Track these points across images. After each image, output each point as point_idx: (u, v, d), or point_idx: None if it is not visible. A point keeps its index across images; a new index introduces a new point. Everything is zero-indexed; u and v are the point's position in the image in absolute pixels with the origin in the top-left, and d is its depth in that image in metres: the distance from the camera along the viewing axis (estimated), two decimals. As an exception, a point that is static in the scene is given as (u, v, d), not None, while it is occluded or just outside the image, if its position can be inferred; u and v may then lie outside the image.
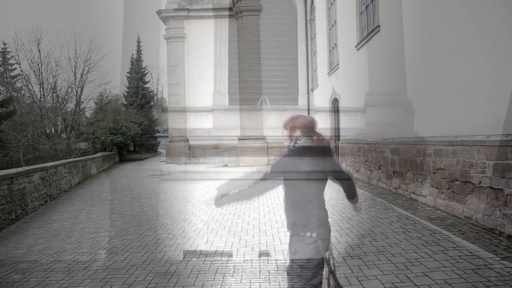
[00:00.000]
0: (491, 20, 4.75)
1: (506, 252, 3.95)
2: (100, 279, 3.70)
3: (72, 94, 26.50)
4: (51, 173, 8.98)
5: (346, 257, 4.06)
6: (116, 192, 9.96)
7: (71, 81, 26.28)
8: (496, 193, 4.61)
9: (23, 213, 7.00)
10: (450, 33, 5.74)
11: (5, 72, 28.22)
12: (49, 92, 25.93)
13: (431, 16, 6.36)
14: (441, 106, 6.08)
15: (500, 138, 4.53)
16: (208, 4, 21.80)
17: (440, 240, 4.49)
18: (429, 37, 6.44)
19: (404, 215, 5.90)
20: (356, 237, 4.78)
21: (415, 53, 7.03)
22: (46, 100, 25.94)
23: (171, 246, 4.74)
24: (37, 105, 25.14)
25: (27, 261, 4.32)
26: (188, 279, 3.61)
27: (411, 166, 7.17)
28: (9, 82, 27.15)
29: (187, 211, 7.02)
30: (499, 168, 4.55)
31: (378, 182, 9.15)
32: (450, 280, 3.32)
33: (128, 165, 21.63)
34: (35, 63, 24.86)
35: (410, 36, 7.23)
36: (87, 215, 6.94)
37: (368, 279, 3.43)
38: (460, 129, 5.49)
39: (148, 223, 6.12)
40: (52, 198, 8.93)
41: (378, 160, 9.09)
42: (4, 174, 6.46)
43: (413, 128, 7.17)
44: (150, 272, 3.84)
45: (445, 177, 5.87)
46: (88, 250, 4.67)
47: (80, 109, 27.69)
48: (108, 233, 5.50)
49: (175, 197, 8.82)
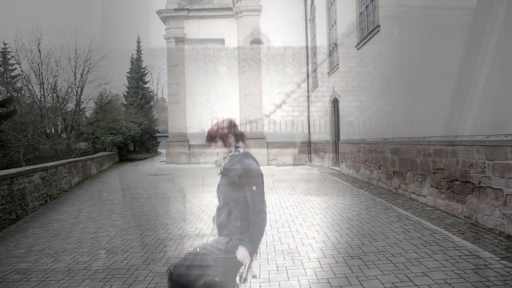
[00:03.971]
0: (491, 20, 4.75)
1: (506, 252, 3.95)
2: (100, 279, 3.70)
3: (72, 94, 26.50)
4: (51, 173, 8.99)
5: (346, 257, 4.06)
6: (116, 192, 9.96)
7: (71, 81, 26.27)
8: (496, 193, 4.62)
9: (23, 213, 7.01)
10: (450, 33, 5.74)
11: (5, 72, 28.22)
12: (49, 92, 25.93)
13: (431, 15, 6.36)
14: (441, 106, 6.08)
15: (500, 138, 4.53)
16: (208, 4, 21.80)
17: (440, 240, 4.49)
18: (429, 36, 6.44)
19: (404, 215, 5.90)
20: (356, 237, 4.78)
21: (415, 52, 7.03)
22: (46, 100, 25.94)
23: (171, 246, 4.74)
24: (37, 105, 25.13)
25: (27, 261, 4.33)
26: (188, 279, 3.61)
27: (411, 166, 7.17)
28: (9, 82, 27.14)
29: (187, 211, 7.02)
30: (498, 168, 4.55)
31: (378, 182, 9.16)
32: (450, 280, 3.32)
33: (128, 165, 21.63)
34: (35, 63, 24.86)
35: (410, 36, 7.23)
36: (87, 215, 6.94)
37: (368, 279, 3.43)
38: (460, 129, 5.50)
39: (148, 223, 6.12)
40: (52, 198, 8.93)
41: (378, 160, 9.09)
42: (5, 174, 6.47)
43: (413, 128, 7.17)
44: (150, 272, 3.84)
45: (445, 177, 5.88)
46: (88, 250, 4.67)
47: (80, 109, 27.67)
48: (108, 233, 5.51)
49: (175, 197, 8.82)
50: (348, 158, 12.01)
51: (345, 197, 7.81)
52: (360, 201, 7.28)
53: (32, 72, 24.98)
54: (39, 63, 24.84)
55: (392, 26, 8.21)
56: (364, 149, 10.28)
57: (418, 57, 6.92)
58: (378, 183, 9.19)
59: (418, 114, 6.99)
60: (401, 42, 7.72)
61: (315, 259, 4.04)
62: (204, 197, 8.61)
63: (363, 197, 7.78)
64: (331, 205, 6.98)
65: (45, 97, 25.69)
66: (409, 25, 7.29)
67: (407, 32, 7.39)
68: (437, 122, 6.23)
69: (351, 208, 6.66)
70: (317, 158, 17.60)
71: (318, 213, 6.31)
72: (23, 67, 25.86)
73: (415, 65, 7.06)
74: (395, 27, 8.04)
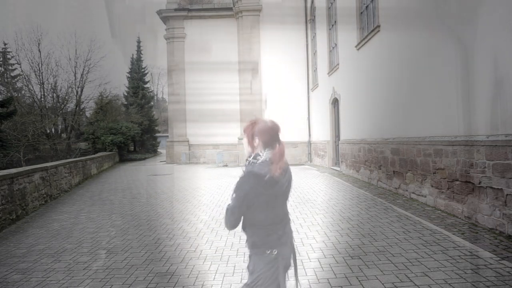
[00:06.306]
0: (491, 20, 4.75)
1: (506, 252, 3.95)
2: (100, 279, 3.70)
3: (72, 94, 26.47)
4: (51, 173, 8.99)
5: (346, 257, 4.06)
6: (116, 192, 9.96)
7: (71, 81, 26.24)
8: (496, 193, 4.61)
9: (23, 213, 7.01)
10: (450, 33, 5.74)
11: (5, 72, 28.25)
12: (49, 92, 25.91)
13: (431, 15, 6.36)
14: (441, 106, 6.08)
15: (500, 138, 4.53)
16: (208, 4, 21.81)
17: (440, 240, 4.49)
18: (429, 36, 6.44)
19: (404, 215, 5.90)
20: (356, 237, 4.78)
21: (415, 53, 7.03)
22: (47, 100, 25.91)
23: (171, 246, 4.74)
24: (38, 105, 25.12)
25: (27, 261, 4.33)
26: (188, 279, 3.61)
27: (411, 166, 7.17)
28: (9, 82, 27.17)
29: (187, 211, 7.02)
30: (499, 168, 4.55)
31: (378, 182, 9.15)
32: (450, 280, 3.32)
33: (128, 165, 21.64)
34: (35, 63, 24.84)
35: (410, 36, 7.23)
36: (87, 215, 6.94)
37: (368, 279, 3.43)
38: (460, 129, 5.49)
39: (148, 223, 6.12)
40: (52, 198, 8.93)
41: (378, 160, 9.09)
42: (5, 174, 6.47)
43: (413, 128, 7.17)
44: (150, 272, 3.84)
45: (445, 177, 5.88)
46: (88, 250, 4.67)
47: (80, 109, 27.66)
48: (108, 233, 5.51)
49: (175, 197, 8.82)
50: (348, 158, 12.01)
51: (345, 197, 7.81)
52: (360, 201, 7.28)
53: (32, 72, 24.99)
54: (39, 63, 24.84)
55: (392, 26, 8.20)
56: (364, 149, 10.28)
57: (418, 56, 6.92)
58: (378, 183, 9.19)
59: (418, 114, 6.99)
60: (401, 42, 7.71)
61: (315, 259, 4.03)
62: (204, 197, 8.62)
63: (363, 197, 7.78)
64: (331, 205, 6.98)
65: (45, 97, 25.69)
66: (409, 25, 7.28)
67: (407, 32, 7.39)
68: (437, 122, 6.23)
69: (351, 208, 6.66)
70: (317, 158, 17.60)
71: (318, 213, 6.31)
72: (23, 67, 25.88)
73: (415, 64, 7.05)
74: (395, 27, 8.04)
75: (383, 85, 8.75)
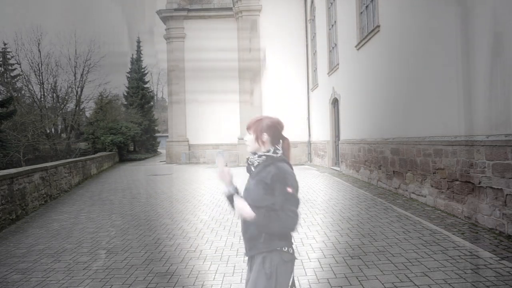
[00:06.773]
0: (491, 19, 4.75)
1: (506, 252, 3.95)
2: (100, 279, 3.70)
3: (72, 94, 26.47)
4: (51, 173, 8.99)
5: (346, 257, 4.06)
6: (116, 192, 9.96)
7: (71, 81, 26.22)
8: (496, 193, 4.62)
9: (23, 213, 7.01)
10: (450, 33, 5.74)
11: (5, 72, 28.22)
12: (49, 92, 25.91)
13: (431, 15, 6.36)
14: (441, 106, 6.08)
15: (500, 138, 4.53)
16: (208, 4, 21.80)
17: (440, 240, 4.49)
18: (429, 36, 6.44)
19: (404, 215, 5.90)
20: (356, 237, 4.78)
21: (415, 53, 7.03)
22: (46, 100, 25.92)
23: (171, 246, 4.74)
24: (37, 105, 25.12)
25: (27, 261, 4.33)
26: (188, 279, 3.61)
27: (411, 166, 7.17)
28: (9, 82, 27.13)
29: (187, 211, 7.02)
30: (498, 168, 4.55)
31: (378, 182, 9.16)
32: (450, 280, 3.32)
33: (128, 165, 21.64)
34: (35, 63, 24.84)
35: (410, 36, 7.23)
36: (87, 215, 6.94)
37: (368, 279, 3.43)
38: (460, 129, 5.49)
39: (148, 223, 6.12)
40: (52, 198, 8.93)
41: (378, 160, 9.09)
42: (5, 174, 6.47)
43: (413, 128, 7.17)
44: (150, 272, 3.84)
45: (445, 177, 5.88)
46: (88, 250, 4.67)
47: (80, 109, 27.66)
48: (108, 233, 5.51)
49: (175, 197, 8.82)
50: (348, 158, 12.01)
51: (345, 197, 7.81)
52: (360, 201, 7.28)
53: (32, 72, 24.99)
54: (39, 63, 24.84)
55: (392, 26, 8.20)
56: (364, 149, 10.28)
57: (418, 56, 6.92)
58: (378, 183, 9.19)
59: (418, 114, 6.99)
60: (401, 42, 7.71)
61: (315, 259, 4.03)
62: (204, 197, 8.62)
63: (363, 197, 7.78)
64: (331, 205, 6.98)
65: (45, 97, 25.70)
66: (409, 24, 7.28)
67: (407, 31, 7.39)
68: (437, 122, 6.23)
69: (351, 208, 6.66)
70: (317, 158, 17.60)
71: (318, 213, 6.31)
72: (23, 67, 25.84)
73: (415, 64, 7.05)
74: (395, 27, 8.04)
75: (383, 85, 8.75)
